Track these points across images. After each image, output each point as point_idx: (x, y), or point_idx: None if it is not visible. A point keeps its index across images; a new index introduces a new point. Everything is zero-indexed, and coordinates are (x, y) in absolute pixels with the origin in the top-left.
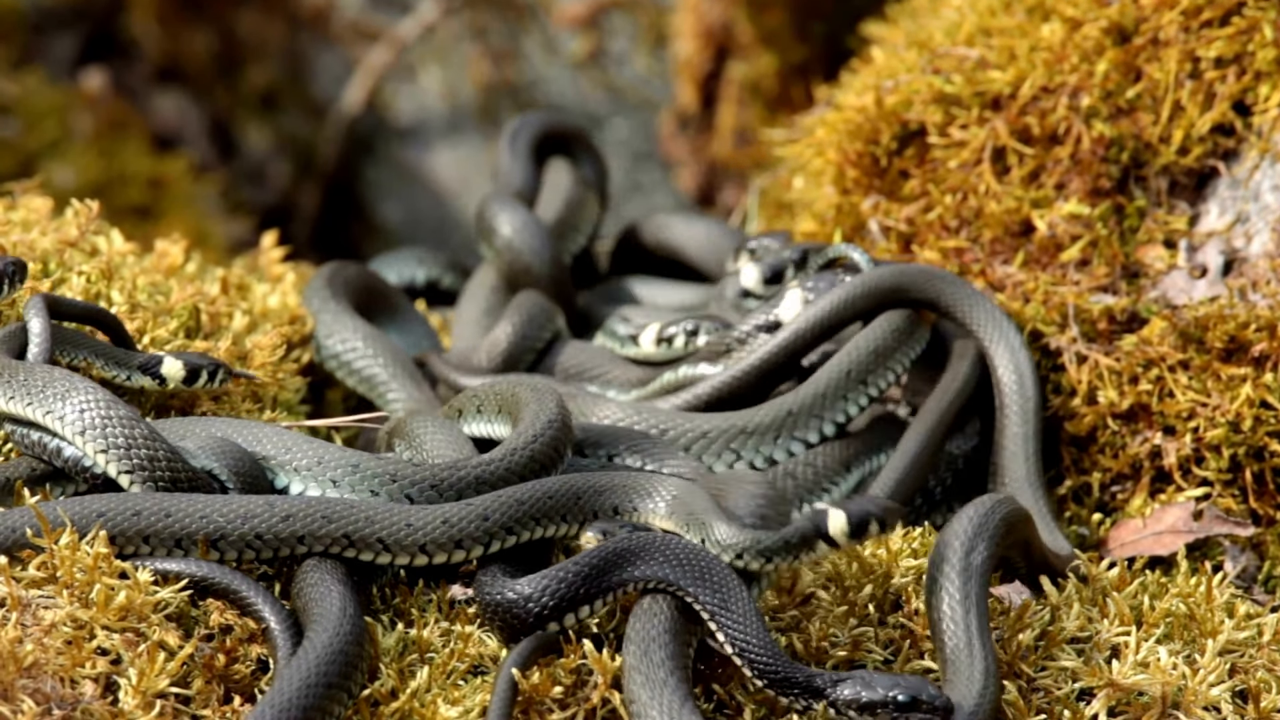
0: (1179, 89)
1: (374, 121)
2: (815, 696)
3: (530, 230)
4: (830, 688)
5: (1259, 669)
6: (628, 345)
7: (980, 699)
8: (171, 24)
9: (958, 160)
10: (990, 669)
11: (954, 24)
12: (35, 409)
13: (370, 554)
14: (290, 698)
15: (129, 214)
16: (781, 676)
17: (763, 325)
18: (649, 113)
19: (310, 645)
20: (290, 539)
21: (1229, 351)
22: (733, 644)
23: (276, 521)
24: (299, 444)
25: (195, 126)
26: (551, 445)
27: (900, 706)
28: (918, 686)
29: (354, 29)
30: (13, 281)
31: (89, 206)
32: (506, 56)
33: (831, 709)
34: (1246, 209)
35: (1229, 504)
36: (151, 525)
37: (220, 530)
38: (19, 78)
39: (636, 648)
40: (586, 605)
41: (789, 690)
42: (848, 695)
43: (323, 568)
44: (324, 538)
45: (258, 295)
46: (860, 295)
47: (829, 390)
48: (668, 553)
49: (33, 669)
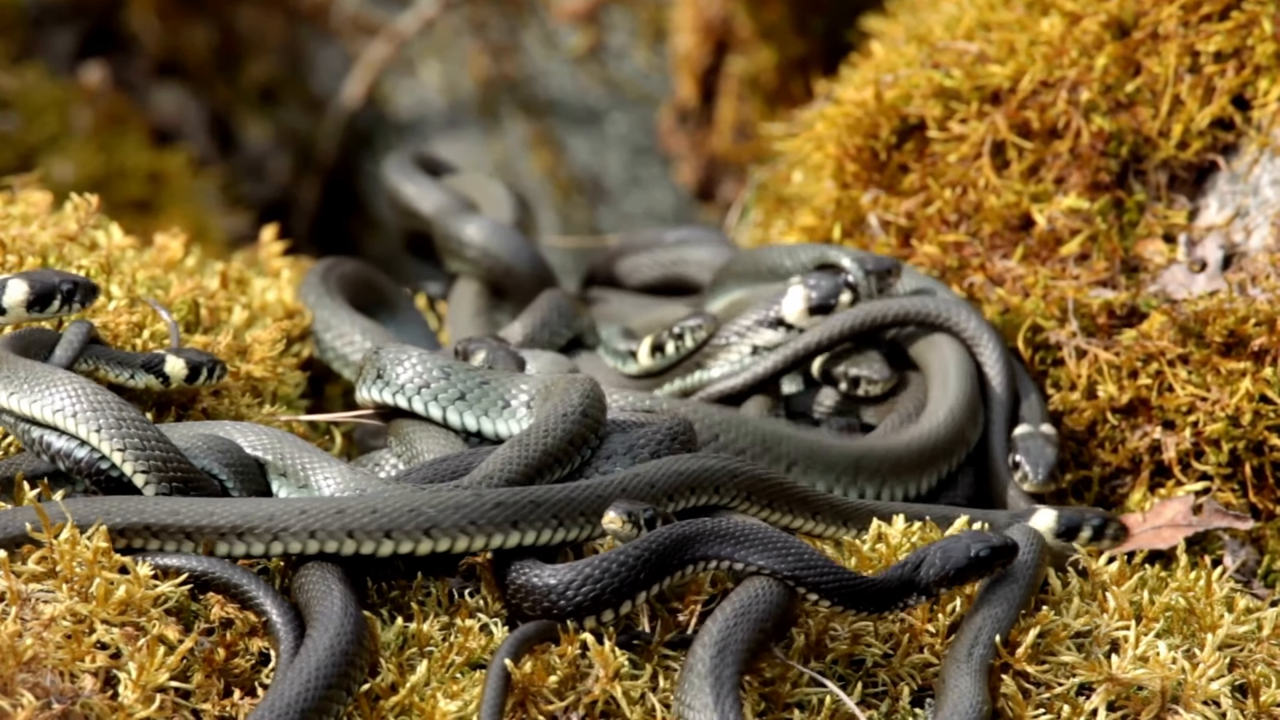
0: (1178, 83)
1: (373, 116)
2: (909, 593)
3: (501, 231)
4: (915, 575)
5: (1259, 663)
6: (629, 363)
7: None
8: (171, 18)
9: (957, 154)
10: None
11: (953, 18)
12: (42, 407)
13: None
14: (290, 701)
15: (128, 208)
16: (876, 595)
17: (764, 320)
18: (648, 107)
19: (312, 645)
20: (302, 534)
21: (1228, 346)
22: (820, 594)
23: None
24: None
25: (194, 121)
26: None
27: (983, 562)
28: (986, 537)
29: (353, 23)
30: (71, 301)
31: (88, 201)
32: (506, 51)
33: (926, 596)
34: (1246, 203)
35: (1228, 498)
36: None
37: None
38: (19, 72)
39: (708, 652)
40: (629, 599)
41: (887, 604)
42: (935, 574)
43: (323, 565)
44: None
45: (257, 290)
46: (870, 322)
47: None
48: (725, 533)
49: (32, 663)
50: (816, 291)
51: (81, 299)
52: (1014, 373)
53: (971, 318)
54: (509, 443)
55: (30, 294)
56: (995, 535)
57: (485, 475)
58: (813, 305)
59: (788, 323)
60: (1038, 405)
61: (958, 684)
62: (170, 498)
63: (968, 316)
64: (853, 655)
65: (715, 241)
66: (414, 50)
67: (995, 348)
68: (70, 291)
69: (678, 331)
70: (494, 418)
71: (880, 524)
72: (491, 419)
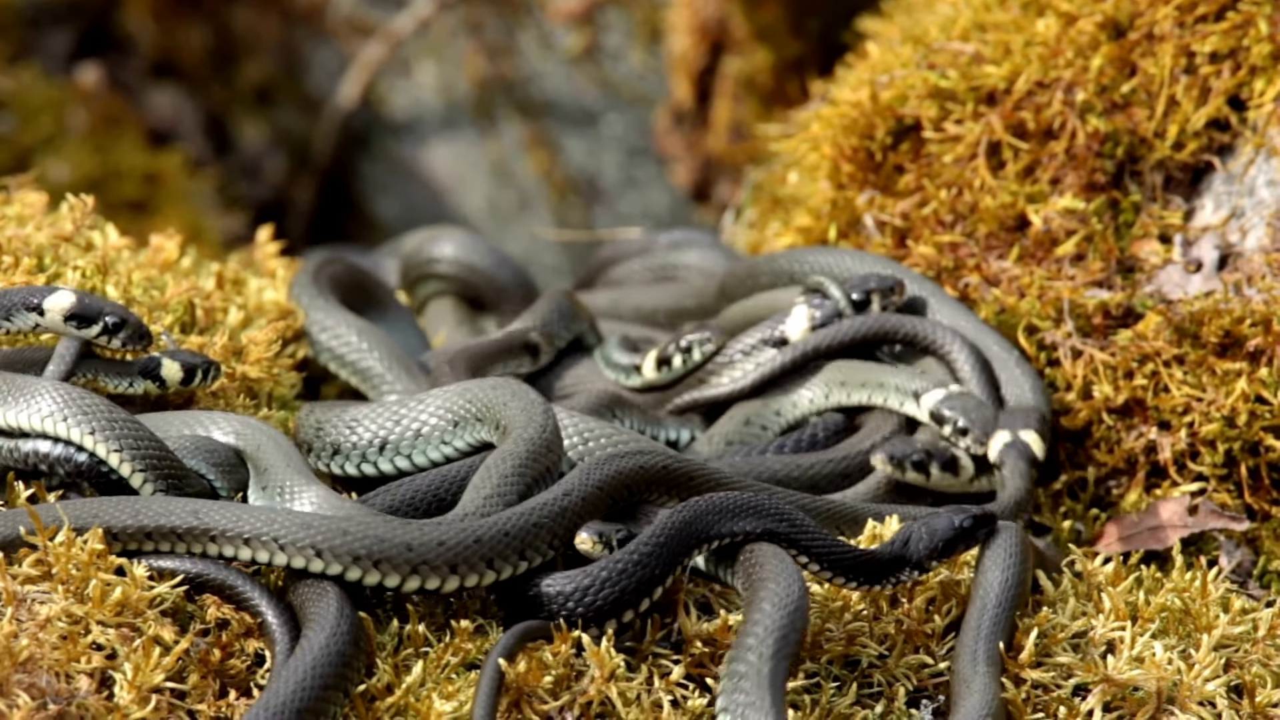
0: (1174, 84)
1: (369, 117)
2: (901, 568)
3: (476, 242)
4: (905, 551)
5: (1254, 664)
6: (632, 376)
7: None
8: (166, 19)
9: (953, 155)
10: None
11: (949, 19)
12: (30, 416)
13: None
14: (285, 700)
15: (124, 209)
16: (868, 566)
17: (768, 339)
18: (644, 108)
19: (307, 645)
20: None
21: (1224, 346)
22: (813, 558)
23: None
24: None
25: (190, 121)
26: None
27: (967, 532)
28: (965, 509)
29: (349, 24)
30: (113, 333)
31: (84, 201)
32: (502, 52)
33: (919, 570)
34: (1241, 204)
35: (1224, 499)
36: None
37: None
38: (14, 73)
39: (765, 653)
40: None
41: (879, 577)
42: (925, 548)
43: None
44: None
45: (253, 290)
46: (857, 335)
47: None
48: (721, 508)
49: (28, 664)
50: (820, 310)
51: (126, 338)
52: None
53: (952, 339)
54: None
55: (74, 308)
56: (973, 507)
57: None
58: (816, 324)
59: (791, 343)
60: (1033, 404)
61: (970, 681)
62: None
63: (946, 336)
64: (848, 655)
65: (707, 244)
66: (409, 51)
67: (968, 361)
68: (116, 325)
69: (685, 345)
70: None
71: (874, 523)
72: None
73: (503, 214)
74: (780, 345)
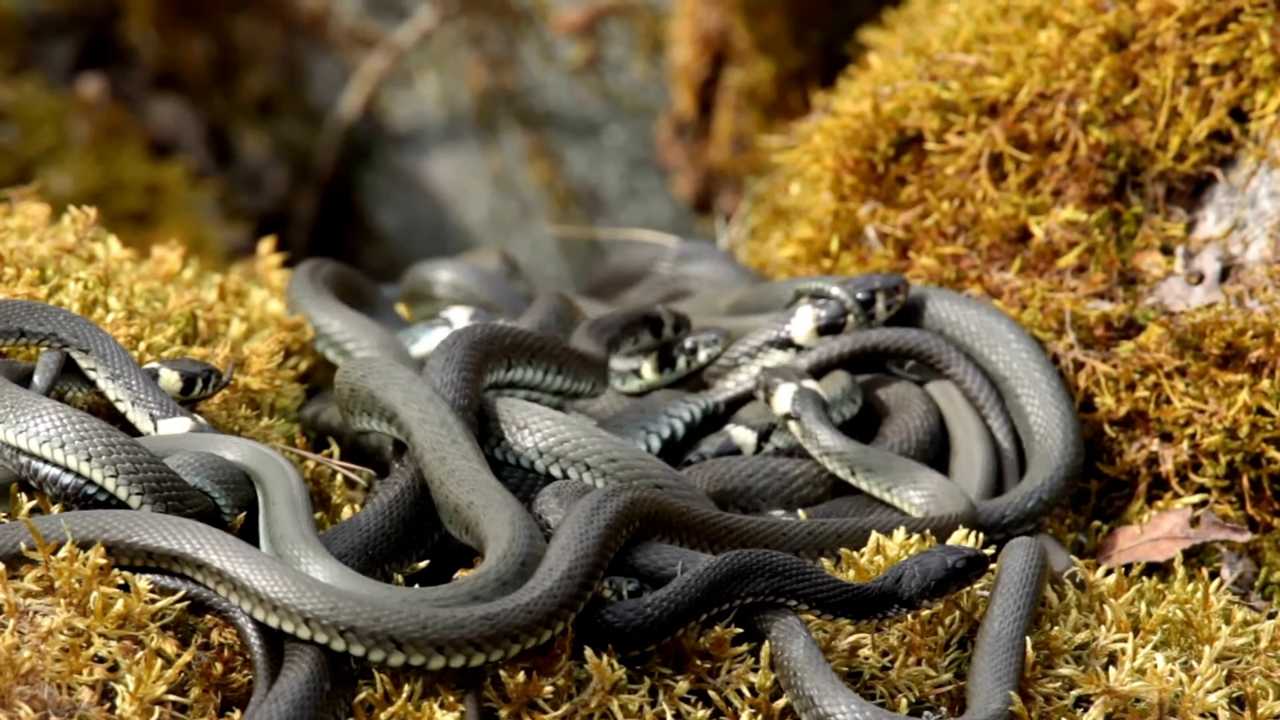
0: (1176, 95)
1: (371, 128)
2: (889, 605)
3: (469, 267)
4: (896, 588)
5: (1256, 675)
6: (630, 381)
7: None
8: (169, 30)
9: (955, 167)
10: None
11: (951, 30)
12: (29, 438)
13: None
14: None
15: (126, 220)
16: (853, 603)
17: (773, 341)
18: (646, 119)
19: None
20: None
21: (1226, 358)
22: (808, 602)
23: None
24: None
25: (192, 133)
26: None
27: (960, 573)
28: (959, 549)
29: (351, 35)
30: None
31: (86, 213)
32: (504, 63)
33: (909, 608)
34: (1244, 215)
35: (1226, 510)
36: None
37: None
38: (16, 84)
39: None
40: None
41: (866, 613)
42: (916, 587)
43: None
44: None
45: (255, 301)
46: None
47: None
48: (750, 570)
49: (30, 675)
50: (825, 312)
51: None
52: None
53: (948, 352)
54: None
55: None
56: (967, 547)
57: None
58: (821, 326)
59: (797, 343)
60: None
61: (981, 688)
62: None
63: (944, 350)
64: (850, 666)
65: (717, 257)
66: (411, 62)
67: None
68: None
69: (690, 346)
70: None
71: (879, 537)
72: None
73: (504, 225)
74: (786, 347)
